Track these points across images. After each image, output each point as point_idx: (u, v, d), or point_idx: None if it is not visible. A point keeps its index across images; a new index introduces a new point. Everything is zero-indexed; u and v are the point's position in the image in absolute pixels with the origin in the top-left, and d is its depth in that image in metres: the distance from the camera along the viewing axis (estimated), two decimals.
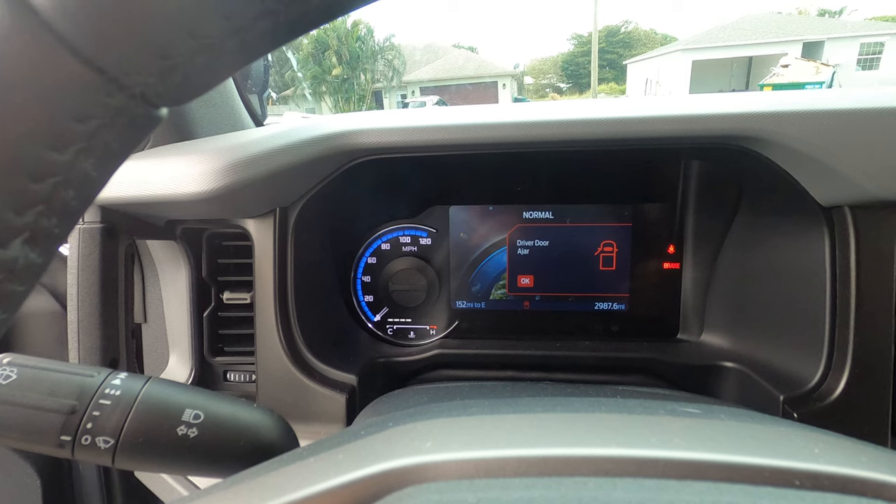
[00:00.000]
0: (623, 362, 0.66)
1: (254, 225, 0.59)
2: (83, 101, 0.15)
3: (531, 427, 0.23)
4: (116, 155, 0.18)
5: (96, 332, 0.55)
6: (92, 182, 0.17)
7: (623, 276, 0.70)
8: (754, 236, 0.61)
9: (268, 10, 0.16)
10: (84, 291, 0.54)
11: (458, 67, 30.89)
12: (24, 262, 0.17)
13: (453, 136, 0.53)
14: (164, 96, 0.17)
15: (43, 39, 0.14)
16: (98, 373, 0.32)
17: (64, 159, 0.16)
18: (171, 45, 0.15)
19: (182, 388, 0.35)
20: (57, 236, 0.17)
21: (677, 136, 0.50)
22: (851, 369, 0.48)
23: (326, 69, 26.17)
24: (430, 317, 0.74)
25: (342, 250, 0.72)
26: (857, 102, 0.46)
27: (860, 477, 0.19)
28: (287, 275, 0.59)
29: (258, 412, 0.36)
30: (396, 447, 0.22)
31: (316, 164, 0.55)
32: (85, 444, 0.30)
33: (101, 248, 0.55)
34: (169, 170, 0.54)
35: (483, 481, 0.19)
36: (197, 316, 0.65)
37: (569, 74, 56.56)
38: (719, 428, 0.24)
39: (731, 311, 0.64)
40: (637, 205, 0.69)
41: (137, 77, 0.16)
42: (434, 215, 0.72)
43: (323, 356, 0.60)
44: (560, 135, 0.52)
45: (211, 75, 0.18)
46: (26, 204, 0.16)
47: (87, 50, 0.14)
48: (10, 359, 0.31)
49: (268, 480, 0.23)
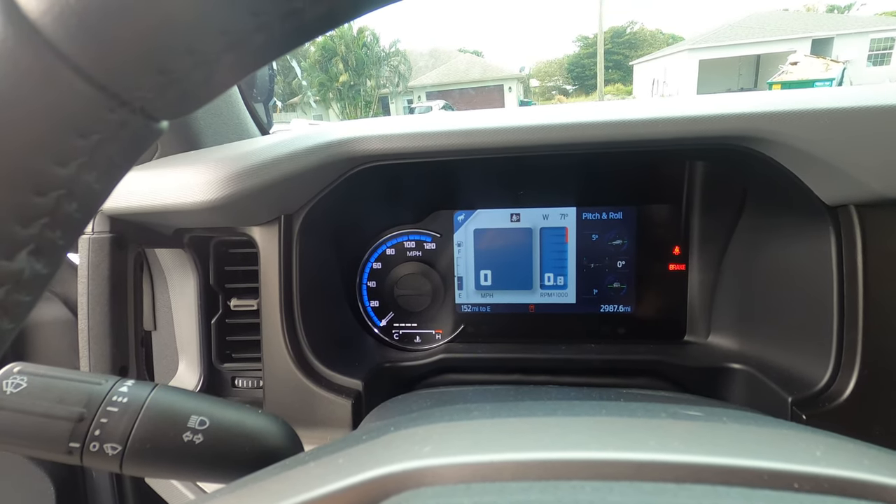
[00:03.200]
0: (630, 365, 0.66)
1: (259, 232, 0.60)
2: (85, 117, 0.16)
3: (530, 431, 0.24)
4: (118, 168, 0.18)
5: (106, 340, 0.56)
6: (95, 194, 0.18)
7: (629, 278, 0.70)
8: (760, 237, 0.61)
9: (263, 24, 0.16)
10: (94, 300, 0.55)
11: (463, 72, 30.95)
12: (29, 273, 0.17)
13: (457, 142, 0.54)
14: (164, 110, 0.18)
15: (45, 57, 0.14)
16: (106, 380, 0.33)
17: (67, 173, 0.16)
18: (170, 61, 0.16)
19: (188, 394, 0.35)
20: (61, 248, 0.18)
21: (681, 137, 0.50)
22: (860, 370, 0.48)
23: (333, 76, 26.36)
24: (435, 321, 0.74)
25: (347, 256, 0.73)
26: (861, 100, 0.46)
27: (861, 480, 0.19)
28: (292, 281, 0.59)
29: (263, 418, 0.36)
30: (396, 451, 0.23)
31: (320, 172, 0.56)
32: (93, 451, 0.31)
33: (111, 258, 0.56)
34: (176, 179, 0.55)
35: (479, 485, 0.19)
36: (205, 323, 0.66)
37: (575, 76, 56.46)
38: (720, 431, 0.24)
39: (738, 312, 0.64)
40: (642, 206, 0.68)
41: (138, 92, 0.16)
42: (438, 220, 0.72)
43: (329, 361, 0.61)
44: (564, 138, 0.52)
45: (210, 88, 0.18)
46: (31, 217, 0.16)
47: (89, 67, 0.15)
48: (20, 367, 0.32)
49: (269, 485, 0.23)
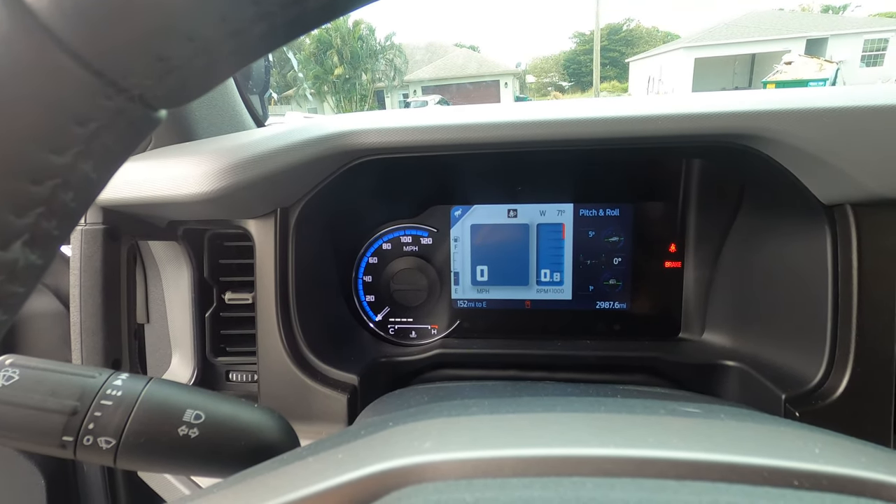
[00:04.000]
0: (625, 361, 0.66)
1: (255, 225, 0.59)
2: (82, 104, 0.15)
3: (530, 427, 0.24)
4: (115, 157, 0.18)
5: (99, 332, 0.55)
6: (91, 184, 0.18)
7: (625, 275, 0.70)
8: (756, 234, 0.61)
9: (264, 12, 0.16)
10: (87, 292, 0.55)
11: (459, 66, 30.83)
12: (24, 263, 0.17)
13: (453, 136, 0.53)
14: (162, 98, 0.17)
15: (42, 44, 0.14)
16: (100, 373, 0.33)
17: (63, 161, 0.16)
18: (169, 48, 0.15)
19: (183, 388, 0.35)
20: (57, 238, 0.18)
21: (678, 134, 0.50)
22: (853, 368, 0.48)
23: (328, 69, 26.17)
24: (431, 316, 0.74)
25: (343, 250, 0.73)
26: (857, 100, 0.46)
27: (859, 477, 0.19)
28: (288, 275, 0.59)
29: (259, 412, 0.36)
30: (395, 447, 0.22)
31: (316, 165, 0.55)
32: (87, 445, 0.30)
33: (104, 250, 0.55)
34: (170, 171, 0.54)
35: (481, 481, 0.19)
36: (199, 316, 0.66)
37: (571, 73, 56.40)
38: (719, 428, 0.24)
39: (733, 309, 0.64)
40: (639, 203, 0.68)
41: (136, 80, 0.16)
42: (435, 215, 0.72)
43: (324, 356, 0.61)
44: (562, 134, 0.52)
45: (209, 77, 0.18)
46: (26, 206, 0.16)
47: (86, 54, 0.15)
48: (12, 360, 0.31)
49: (268, 480, 0.23)
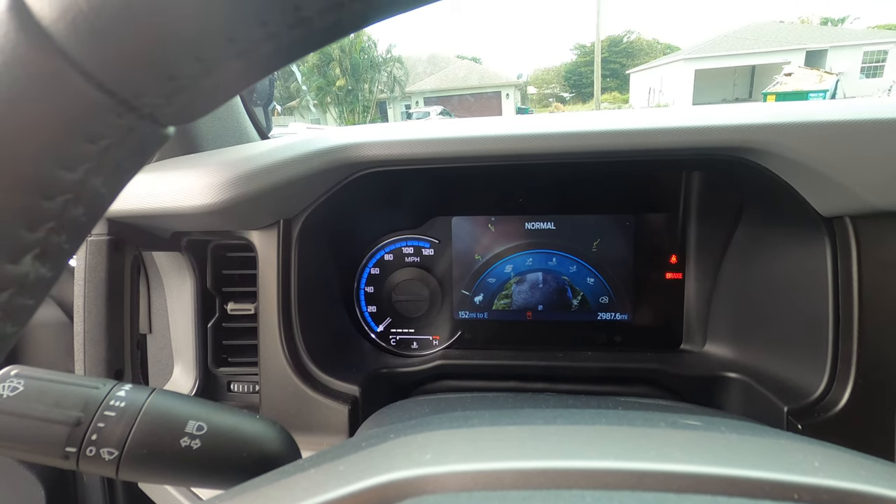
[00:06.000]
0: (626, 373, 0.66)
1: (258, 237, 0.60)
2: (94, 122, 0.16)
3: (530, 439, 0.24)
4: (125, 172, 0.19)
5: (102, 343, 0.55)
6: (101, 199, 0.18)
7: (626, 287, 0.70)
8: (756, 246, 0.61)
9: (271, 33, 0.16)
10: (90, 303, 0.55)
11: (461, 78, 31.09)
12: (34, 276, 0.17)
13: (455, 149, 0.54)
14: (171, 116, 0.18)
15: (56, 64, 0.15)
16: (103, 384, 0.33)
17: (75, 177, 0.16)
18: (179, 68, 0.16)
19: (185, 399, 0.35)
20: (66, 251, 0.18)
21: (678, 147, 0.51)
22: (855, 380, 0.48)
23: (331, 80, 26.42)
24: (432, 327, 0.74)
25: (345, 261, 0.73)
26: (856, 113, 0.47)
27: (859, 491, 0.19)
28: (290, 286, 0.59)
29: (261, 424, 0.36)
30: (396, 459, 0.23)
31: (319, 177, 0.56)
32: (89, 456, 0.30)
33: (108, 260, 0.56)
34: (175, 183, 0.55)
35: (481, 494, 0.19)
36: (201, 327, 0.66)
37: (572, 84, 56.81)
38: (719, 441, 0.24)
39: (735, 321, 0.64)
40: (639, 215, 0.69)
41: (146, 99, 0.16)
42: (437, 226, 0.73)
43: (326, 367, 0.61)
44: (563, 147, 0.52)
45: (217, 95, 0.18)
46: (38, 220, 0.16)
47: (99, 73, 0.15)
48: (17, 370, 0.31)
49: (269, 492, 0.23)
